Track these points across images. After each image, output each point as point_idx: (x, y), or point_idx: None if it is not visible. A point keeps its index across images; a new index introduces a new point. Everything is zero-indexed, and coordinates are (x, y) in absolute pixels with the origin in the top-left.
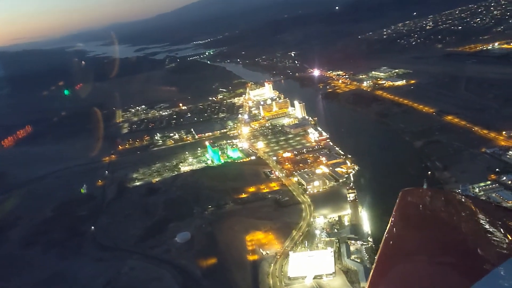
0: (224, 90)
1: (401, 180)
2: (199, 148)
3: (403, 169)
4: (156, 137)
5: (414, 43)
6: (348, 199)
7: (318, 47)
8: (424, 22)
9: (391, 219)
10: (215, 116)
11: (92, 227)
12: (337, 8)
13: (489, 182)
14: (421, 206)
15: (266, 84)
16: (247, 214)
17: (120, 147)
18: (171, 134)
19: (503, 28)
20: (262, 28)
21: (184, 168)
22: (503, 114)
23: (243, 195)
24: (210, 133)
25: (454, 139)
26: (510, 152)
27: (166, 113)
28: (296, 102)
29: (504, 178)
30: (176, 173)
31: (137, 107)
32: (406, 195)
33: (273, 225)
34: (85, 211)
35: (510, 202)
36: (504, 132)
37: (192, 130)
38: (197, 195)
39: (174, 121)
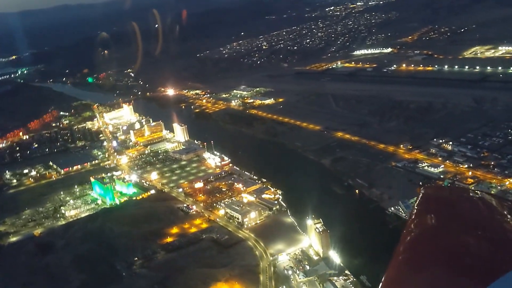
0: (66, 114)
1: (334, 201)
2: (75, 186)
3: (328, 189)
4: (6, 176)
5: (258, 62)
6: (316, 230)
7: (158, 66)
8: (257, 42)
9: (412, 215)
10: (73, 145)
11: None
12: (156, 26)
13: None
14: (442, 203)
15: (124, 106)
16: (191, 263)
17: None
18: (25, 171)
19: (335, 49)
20: (78, 45)
21: (70, 213)
22: (385, 129)
23: (169, 239)
24: (79, 166)
25: (358, 155)
26: (419, 164)
27: (1, 145)
28: (176, 125)
29: None
30: (63, 220)
31: None
32: (428, 192)
33: (231, 271)
34: None
35: None
36: (402, 146)
37: (51, 163)
38: (112, 246)
39: (18, 154)
